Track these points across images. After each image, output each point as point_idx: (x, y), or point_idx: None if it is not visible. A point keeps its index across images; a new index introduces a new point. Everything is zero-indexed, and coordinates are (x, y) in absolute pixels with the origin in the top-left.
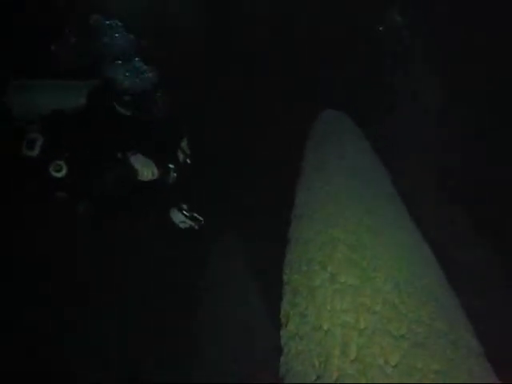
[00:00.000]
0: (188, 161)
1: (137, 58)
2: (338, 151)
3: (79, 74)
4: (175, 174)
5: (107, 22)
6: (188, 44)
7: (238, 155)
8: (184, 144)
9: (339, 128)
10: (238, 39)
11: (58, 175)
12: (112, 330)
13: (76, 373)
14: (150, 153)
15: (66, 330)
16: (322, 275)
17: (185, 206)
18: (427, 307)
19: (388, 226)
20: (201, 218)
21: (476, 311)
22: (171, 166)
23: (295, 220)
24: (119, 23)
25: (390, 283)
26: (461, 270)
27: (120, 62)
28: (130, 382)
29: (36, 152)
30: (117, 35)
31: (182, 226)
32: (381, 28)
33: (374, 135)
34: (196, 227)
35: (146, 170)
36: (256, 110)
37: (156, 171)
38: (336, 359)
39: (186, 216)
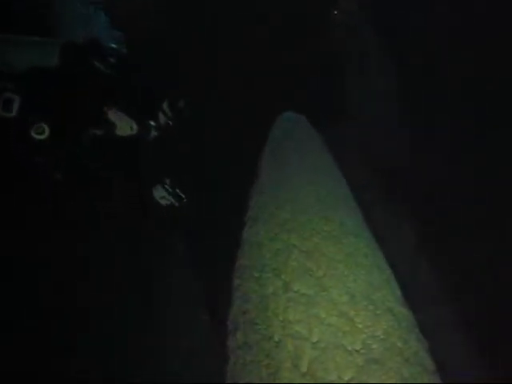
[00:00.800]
0: (170, 123)
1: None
2: (295, 155)
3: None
4: (156, 133)
5: None
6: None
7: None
8: (165, 105)
9: (297, 131)
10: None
11: (41, 137)
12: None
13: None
14: (130, 109)
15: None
16: (275, 283)
17: (167, 181)
18: (383, 321)
19: (346, 234)
20: (183, 196)
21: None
22: (152, 123)
23: (249, 223)
24: None
25: (346, 294)
26: (405, 282)
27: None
28: None
29: (13, 113)
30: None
31: (162, 202)
32: (336, 12)
33: (333, 138)
34: (176, 205)
35: (125, 124)
36: (215, 111)
37: (135, 126)
38: (286, 372)
39: (167, 191)
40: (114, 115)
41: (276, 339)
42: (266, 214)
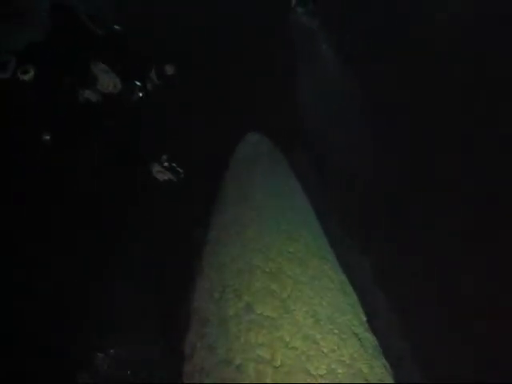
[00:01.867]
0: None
1: None
2: (259, 175)
3: None
4: (141, 94)
5: None
6: None
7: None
8: (152, 73)
9: (260, 152)
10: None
11: (25, 78)
12: None
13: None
14: (116, 67)
15: None
16: (236, 304)
17: (164, 157)
18: (349, 346)
19: (311, 256)
20: (181, 171)
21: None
22: (137, 83)
23: (210, 244)
24: None
25: (311, 317)
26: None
27: None
28: None
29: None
30: None
31: (159, 177)
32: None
33: (295, 157)
34: (175, 180)
35: (107, 79)
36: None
37: (119, 84)
38: None
39: (164, 167)
40: (97, 68)
41: (236, 363)
42: (228, 234)
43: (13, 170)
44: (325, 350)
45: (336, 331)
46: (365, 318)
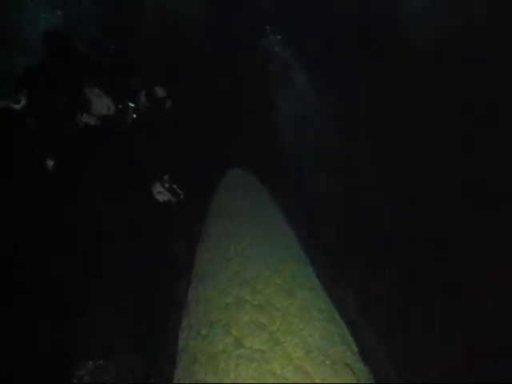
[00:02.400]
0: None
1: None
2: (242, 208)
3: None
4: (134, 115)
5: None
6: None
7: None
8: (143, 95)
9: (244, 186)
10: None
11: (17, 107)
12: None
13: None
14: (108, 90)
15: None
16: (225, 339)
17: (166, 178)
18: (341, 377)
19: (299, 287)
20: (180, 192)
21: None
22: (131, 104)
23: (195, 279)
24: None
25: (301, 349)
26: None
27: None
28: None
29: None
30: None
31: (159, 197)
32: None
33: (279, 191)
34: (174, 201)
35: (101, 102)
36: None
37: (112, 106)
38: None
39: (164, 188)
40: (90, 93)
41: None
42: (213, 268)
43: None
44: (317, 382)
45: (328, 362)
46: (356, 349)
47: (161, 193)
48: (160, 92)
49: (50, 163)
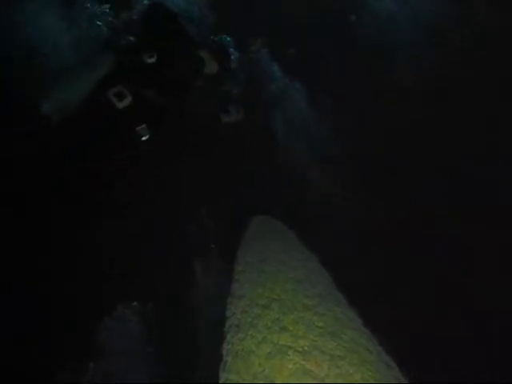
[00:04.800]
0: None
1: None
2: (273, 253)
3: None
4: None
5: None
6: None
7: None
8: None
9: (270, 232)
10: None
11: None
12: None
13: None
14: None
15: None
16: None
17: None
18: None
19: (343, 328)
20: (242, 115)
21: None
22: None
23: (231, 331)
24: None
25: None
26: None
27: None
28: None
29: (233, 118)
30: None
31: (224, 117)
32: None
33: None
34: (235, 121)
35: (212, 64)
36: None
37: (217, 67)
38: None
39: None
40: (205, 54)
41: None
42: (249, 317)
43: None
44: None
45: None
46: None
47: (226, 113)
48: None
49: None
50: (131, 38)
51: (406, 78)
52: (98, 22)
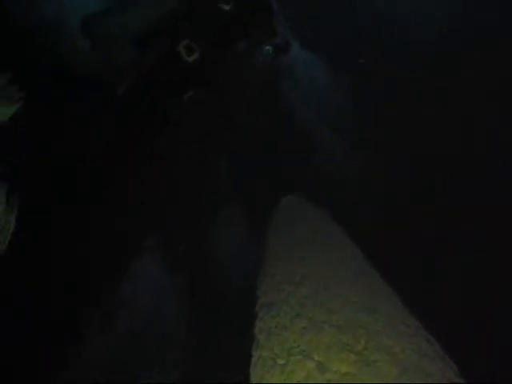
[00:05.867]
0: None
1: None
2: (304, 232)
3: None
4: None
5: None
6: None
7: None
8: None
9: (303, 212)
10: None
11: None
12: None
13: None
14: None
15: None
16: (306, 366)
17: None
18: None
19: (378, 302)
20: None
21: None
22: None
23: (263, 310)
24: None
25: (396, 367)
26: None
27: None
28: None
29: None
30: None
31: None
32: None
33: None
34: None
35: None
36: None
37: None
38: None
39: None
40: (277, 25)
41: None
42: (282, 295)
43: None
44: None
45: (429, 380)
46: (455, 366)
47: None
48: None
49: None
50: None
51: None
52: None
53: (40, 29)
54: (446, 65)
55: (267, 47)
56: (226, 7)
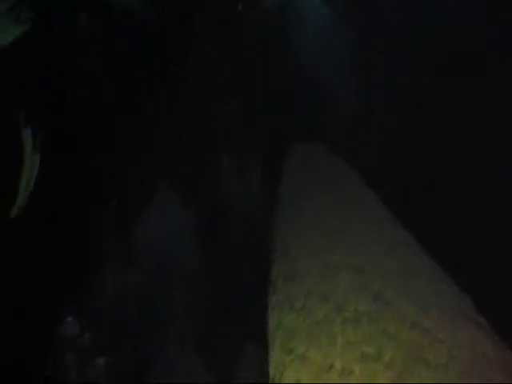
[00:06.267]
0: None
1: None
2: (318, 180)
3: None
4: None
5: None
6: None
7: None
8: None
9: (318, 156)
10: None
11: None
12: None
13: None
14: None
15: None
16: (324, 307)
17: None
18: (466, 330)
19: (396, 245)
20: None
21: None
22: None
23: (278, 256)
24: None
25: (413, 306)
26: None
27: None
28: None
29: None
30: None
31: None
32: None
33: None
34: None
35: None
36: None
37: None
38: None
39: None
40: None
41: (338, 368)
42: (297, 241)
43: None
44: (440, 336)
45: (447, 317)
46: (472, 302)
47: None
48: None
49: None
50: None
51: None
52: None
53: None
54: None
55: None
56: None
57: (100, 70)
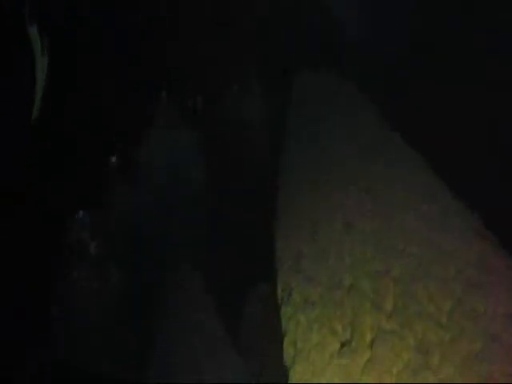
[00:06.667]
0: None
1: None
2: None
3: None
4: None
5: None
6: None
7: None
8: None
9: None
10: None
11: None
12: None
13: None
14: None
15: None
16: (332, 226)
17: None
18: (477, 245)
19: (399, 170)
20: None
21: None
22: None
23: (286, 184)
24: None
25: (420, 220)
26: None
27: None
28: None
29: None
30: None
31: None
32: None
33: None
34: None
35: None
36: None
37: None
38: (367, 316)
39: None
40: None
41: (347, 284)
42: (302, 172)
43: None
44: (449, 250)
45: (456, 233)
46: (478, 220)
47: None
48: None
49: None
50: None
51: None
52: None
53: None
54: None
55: None
56: None
57: None
